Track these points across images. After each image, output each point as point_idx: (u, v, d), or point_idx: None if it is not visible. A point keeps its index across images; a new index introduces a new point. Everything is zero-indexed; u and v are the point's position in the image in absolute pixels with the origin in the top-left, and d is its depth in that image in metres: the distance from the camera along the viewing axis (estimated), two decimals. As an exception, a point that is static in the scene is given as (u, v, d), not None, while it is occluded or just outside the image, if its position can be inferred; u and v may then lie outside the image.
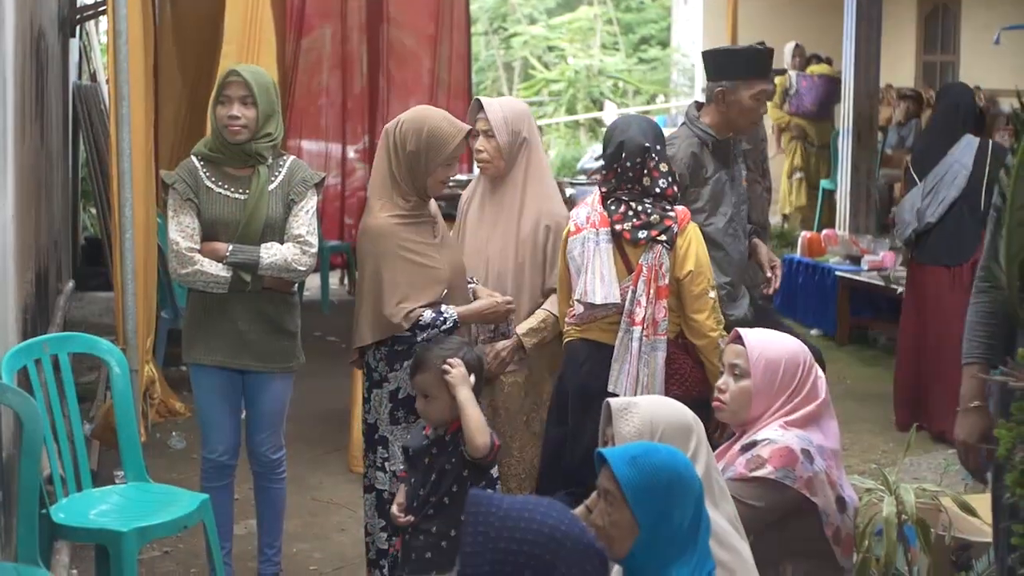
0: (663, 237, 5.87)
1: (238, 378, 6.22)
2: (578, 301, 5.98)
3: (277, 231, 6.14)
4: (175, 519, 5.71)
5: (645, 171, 5.92)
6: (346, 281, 14.35)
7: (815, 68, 16.86)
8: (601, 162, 6.33)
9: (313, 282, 12.70)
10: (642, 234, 5.88)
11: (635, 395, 5.74)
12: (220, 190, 6.13)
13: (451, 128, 5.84)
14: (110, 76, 7.64)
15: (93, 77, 13.80)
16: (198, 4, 10.79)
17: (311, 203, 6.24)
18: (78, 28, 12.76)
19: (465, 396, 5.16)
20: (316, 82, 13.69)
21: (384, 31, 13.76)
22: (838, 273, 11.65)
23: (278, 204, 6.15)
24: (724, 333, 5.89)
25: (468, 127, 5.95)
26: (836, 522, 4.89)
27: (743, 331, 5.11)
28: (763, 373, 4.95)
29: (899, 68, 18.83)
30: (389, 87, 13.79)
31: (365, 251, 5.89)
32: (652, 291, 5.87)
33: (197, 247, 6.02)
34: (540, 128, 25.98)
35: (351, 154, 14.08)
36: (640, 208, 5.91)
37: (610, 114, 26.47)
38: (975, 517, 5.60)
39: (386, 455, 5.90)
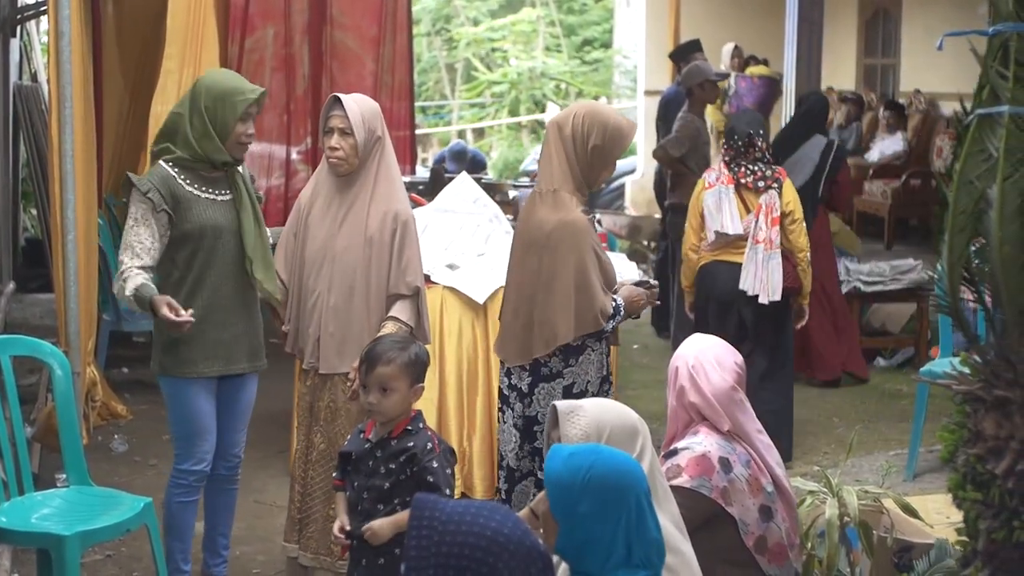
0: (775, 185, 8.52)
1: (215, 383, 6.19)
2: (716, 232, 8.53)
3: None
4: (118, 523, 5.69)
5: (753, 147, 8.56)
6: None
7: (753, 69, 16.90)
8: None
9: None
10: (761, 183, 8.53)
11: (757, 290, 8.43)
12: (203, 194, 6.05)
13: (628, 125, 6.16)
14: (51, 77, 7.59)
15: (34, 77, 13.71)
16: (140, 4, 10.72)
17: None
18: (19, 28, 12.68)
19: None
20: (258, 83, 13.58)
21: (327, 33, 13.71)
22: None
23: (254, 205, 6.22)
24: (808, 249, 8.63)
25: (635, 123, 6.17)
26: (758, 531, 4.94)
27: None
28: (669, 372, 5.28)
29: (840, 71, 18.92)
30: (332, 89, 13.71)
31: (568, 246, 6.04)
32: (769, 220, 8.45)
33: (147, 263, 5.91)
34: (482, 130, 25.84)
35: (294, 155, 14.00)
36: (755, 168, 8.56)
37: (552, 116, 26.50)
38: (917, 519, 5.64)
39: None
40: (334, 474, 5.52)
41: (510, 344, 6.22)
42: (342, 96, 6.22)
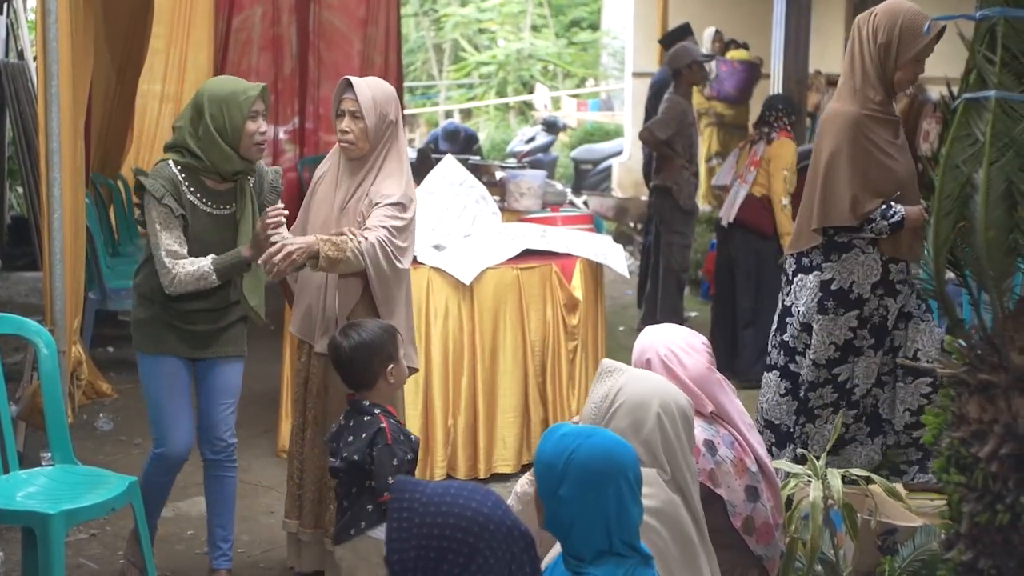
0: (763, 138, 10.19)
1: (190, 365, 6.14)
2: (714, 185, 11.49)
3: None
4: (103, 501, 5.68)
5: (770, 113, 10.26)
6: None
7: (734, 53, 16.89)
8: (531, 145, 6.76)
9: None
10: (757, 137, 10.33)
11: (723, 214, 10.42)
12: (203, 207, 5.94)
13: (925, 22, 6.15)
14: (38, 55, 7.56)
15: (20, 55, 13.67)
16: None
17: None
18: (5, 5, 12.64)
19: None
20: (246, 62, 13.59)
21: (314, 12, 13.72)
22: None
23: (256, 216, 6.05)
24: (789, 197, 9.94)
25: (943, 24, 6.16)
26: (745, 511, 4.94)
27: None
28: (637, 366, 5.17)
29: (828, 54, 18.91)
30: (319, 69, 13.74)
31: (829, 136, 6.32)
32: (750, 163, 10.18)
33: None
34: (470, 111, 25.78)
35: (281, 135, 13.99)
36: (762, 129, 10.32)
37: (541, 97, 26.49)
38: (901, 502, 5.66)
39: (808, 341, 6.38)
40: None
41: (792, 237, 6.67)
42: (353, 79, 6.17)
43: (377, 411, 5.39)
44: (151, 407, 6.17)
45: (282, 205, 5.90)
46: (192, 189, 5.90)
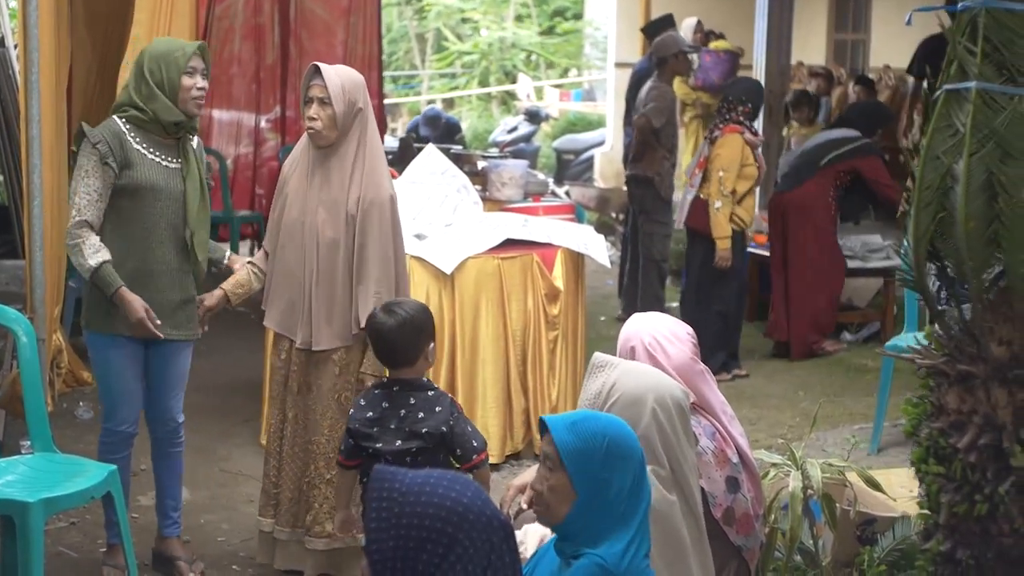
0: (709, 135, 10.27)
1: (141, 346, 6.15)
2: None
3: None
4: (83, 490, 5.66)
5: (723, 105, 10.33)
6: (256, 251, 14.28)
7: (717, 44, 16.90)
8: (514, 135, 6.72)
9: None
10: (707, 135, 10.43)
11: (677, 216, 10.76)
12: (152, 156, 6.01)
13: None
14: (19, 42, 7.54)
15: (1, 42, 13.62)
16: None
17: None
18: (-15, -7, 12.59)
19: None
20: (228, 51, 13.58)
21: (296, 1, 13.70)
22: (748, 250, 11.66)
23: (202, 178, 6.17)
24: (724, 198, 9.98)
25: None
26: (726, 502, 4.95)
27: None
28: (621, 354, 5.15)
29: (810, 46, 18.92)
30: (301, 58, 13.72)
31: None
32: (697, 164, 10.37)
33: (91, 218, 5.91)
34: (452, 100, 25.70)
35: (263, 124, 13.98)
36: (713, 123, 10.39)
37: (523, 87, 26.47)
38: (880, 492, 5.67)
39: None
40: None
41: None
42: (321, 65, 6.13)
43: (436, 386, 5.44)
44: (101, 384, 6.25)
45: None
46: (138, 140, 6.01)
